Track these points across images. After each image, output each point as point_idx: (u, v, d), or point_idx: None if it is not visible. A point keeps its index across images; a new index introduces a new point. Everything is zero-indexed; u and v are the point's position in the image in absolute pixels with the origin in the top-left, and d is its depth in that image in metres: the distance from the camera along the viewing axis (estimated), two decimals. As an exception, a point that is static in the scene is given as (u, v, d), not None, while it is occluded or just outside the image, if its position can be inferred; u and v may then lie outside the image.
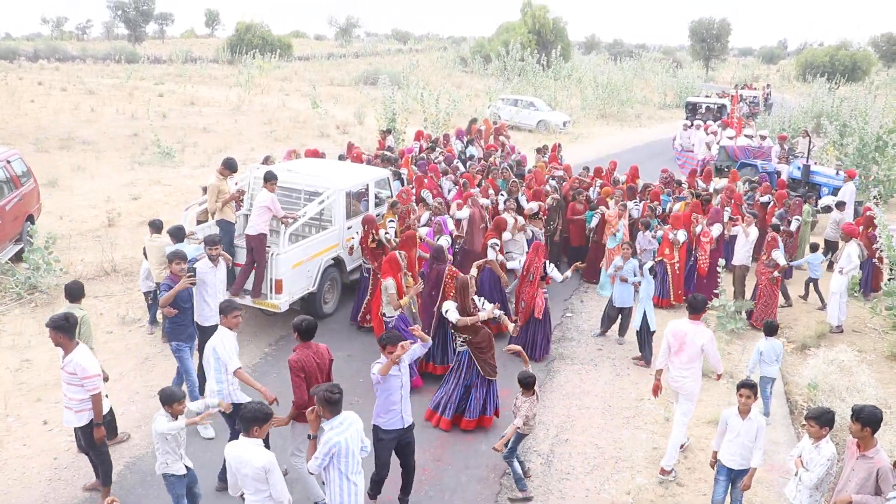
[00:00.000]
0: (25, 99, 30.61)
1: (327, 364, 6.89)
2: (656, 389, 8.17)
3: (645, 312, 10.52)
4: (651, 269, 10.71)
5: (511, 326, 9.46)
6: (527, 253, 11.09)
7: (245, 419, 5.44)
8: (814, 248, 13.38)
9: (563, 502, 7.56)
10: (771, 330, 9.12)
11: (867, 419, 5.72)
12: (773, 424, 9.14)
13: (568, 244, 14.33)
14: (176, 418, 6.36)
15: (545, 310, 10.64)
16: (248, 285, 10.50)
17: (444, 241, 10.91)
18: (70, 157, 21.67)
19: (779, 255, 11.64)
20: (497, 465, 8.12)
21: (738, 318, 11.80)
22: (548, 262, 10.78)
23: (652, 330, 10.57)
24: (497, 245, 11.21)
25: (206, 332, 7.97)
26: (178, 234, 10.07)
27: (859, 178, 19.25)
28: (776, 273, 11.67)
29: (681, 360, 7.85)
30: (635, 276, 10.89)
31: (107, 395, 7.13)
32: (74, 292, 7.93)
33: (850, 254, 11.96)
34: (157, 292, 10.76)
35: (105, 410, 6.94)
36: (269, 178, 10.65)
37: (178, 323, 8.35)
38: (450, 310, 8.57)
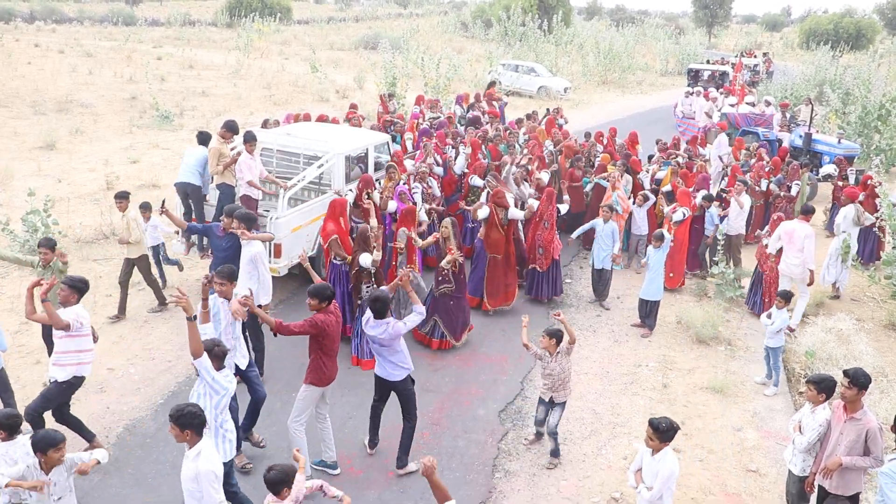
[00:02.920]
0: (22, 61, 30.26)
1: (337, 325, 7.02)
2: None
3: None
4: (660, 237, 10.35)
5: None
6: (539, 199, 11.52)
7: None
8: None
9: (561, 466, 7.61)
10: (789, 298, 9.15)
11: (854, 377, 5.78)
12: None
13: (567, 211, 14.26)
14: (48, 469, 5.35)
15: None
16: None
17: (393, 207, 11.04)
18: (68, 120, 21.52)
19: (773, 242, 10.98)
20: (494, 429, 8.19)
21: (738, 285, 11.80)
22: (559, 206, 11.95)
23: (656, 299, 10.53)
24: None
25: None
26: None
27: (861, 147, 19.18)
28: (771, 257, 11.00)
29: (792, 250, 10.54)
30: (614, 241, 11.05)
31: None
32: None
33: (847, 215, 12.12)
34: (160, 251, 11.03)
35: (84, 374, 7.08)
36: (247, 140, 10.54)
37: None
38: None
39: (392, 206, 11.05)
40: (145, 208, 10.82)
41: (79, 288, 7.03)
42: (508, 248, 10.99)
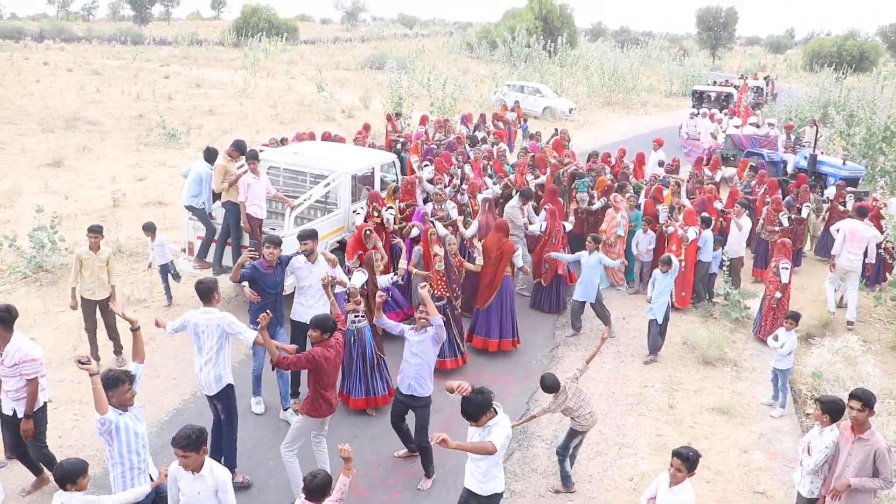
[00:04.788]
0: (31, 79, 30.54)
1: (336, 359, 6.81)
2: (832, 267, 11.91)
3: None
4: (668, 262, 10.21)
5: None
6: (546, 219, 12.00)
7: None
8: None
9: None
10: (797, 319, 9.13)
11: (866, 399, 5.75)
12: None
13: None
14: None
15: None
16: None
17: (416, 230, 11.01)
18: (75, 137, 21.67)
19: (785, 271, 10.72)
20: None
21: (743, 307, 11.78)
22: (564, 223, 12.28)
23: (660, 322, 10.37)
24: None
25: (297, 328, 8.40)
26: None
27: (866, 168, 19.19)
28: (777, 294, 10.76)
29: (852, 246, 11.57)
30: (599, 266, 10.87)
31: (43, 389, 6.79)
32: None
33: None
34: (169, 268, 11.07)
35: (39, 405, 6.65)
36: (250, 157, 10.49)
37: (261, 309, 7.65)
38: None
39: (415, 231, 11.16)
40: (149, 229, 10.89)
41: (1, 318, 6.31)
42: (497, 276, 10.50)
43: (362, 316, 8.51)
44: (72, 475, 5.04)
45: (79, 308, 9.17)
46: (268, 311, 6.63)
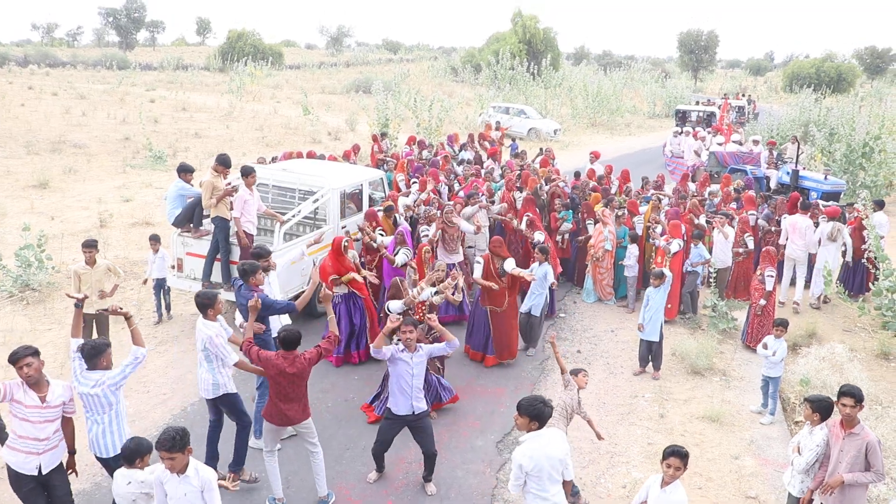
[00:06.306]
0: (16, 103, 30.52)
1: (294, 376, 6.63)
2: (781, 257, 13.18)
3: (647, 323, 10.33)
4: (660, 276, 10.16)
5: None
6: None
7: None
8: None
9: (559, 495, 7.56)
10: (786, 326, 9.23)
11: (857, 395, 5.85)
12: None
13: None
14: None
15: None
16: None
17: (403, 257, 10.57)
18: (61, 159, 21.63)
19: (770, 279, 10.93)
20: (492, 460, 8.15)
21: (730, 318, 11.88)
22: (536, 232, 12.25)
23: (656, 340, 10.29)
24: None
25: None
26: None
27: (847, 183, 19.50)
28: (762, 301, 10.93)
29: (794, 237, 12.86)
30: (546, 279, 10.62)
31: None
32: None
33: (824, 231, 12.85)
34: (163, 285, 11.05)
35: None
36: (246, 173, 10.47)
37: (264, 339, 7.72)
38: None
39: (386, 240, 11.07)
40: (154, 240, 10.92)
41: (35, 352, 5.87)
42: (510, 298, 10.34)
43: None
44: (139, 453, 5.35)
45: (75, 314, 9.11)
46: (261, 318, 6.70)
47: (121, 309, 6.31)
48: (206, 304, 6.93)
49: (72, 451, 6.22)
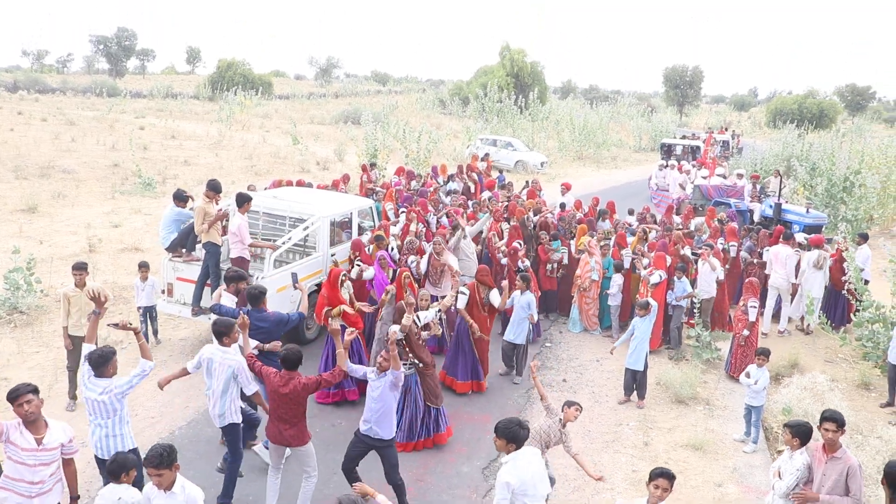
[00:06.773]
0: (5, 128, 30.53)
1: (286, 397, 6.75)
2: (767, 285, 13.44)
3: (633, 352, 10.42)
4: (645, 306, 10.34)
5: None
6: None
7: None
8: None
9: (545, 521, 7.61)
10: (768, 355, 9.39)
11: (839, 420, 6.04)
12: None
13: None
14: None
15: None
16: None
17: (371, 272, 10.78)
18: (50, 184, 21.66)
19: (753, 310, 11.09)
20: (478, 486, 8.21)
21: (714, 348, 12.02)
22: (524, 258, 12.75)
23: (640, 369, 10.37)
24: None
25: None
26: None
27: (828, 216, 19.84)
28: (745, 332, 11.12)
29: (777, 265, 13.35)
30: (529, 309, 10.74)
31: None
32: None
33: (810, 259, 13.24)
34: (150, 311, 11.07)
35: None
36: (241, 202, 10.56)
37: (270, 357, 7.94)
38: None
39: (370, 272, 10.93)
40: (144, 267, 10.98)
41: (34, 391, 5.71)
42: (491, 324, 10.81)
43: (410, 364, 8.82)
44: (125, 467, 5.43)
45: (62, 349, 9.16)
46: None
47: (130, 325, 6.61)
48: (222, 331, 7.12)
49: (74, 497, 6.02)
